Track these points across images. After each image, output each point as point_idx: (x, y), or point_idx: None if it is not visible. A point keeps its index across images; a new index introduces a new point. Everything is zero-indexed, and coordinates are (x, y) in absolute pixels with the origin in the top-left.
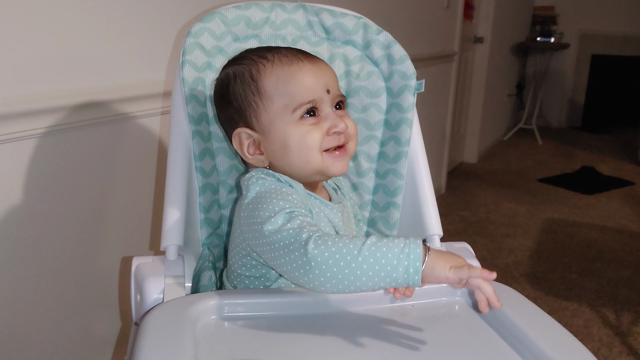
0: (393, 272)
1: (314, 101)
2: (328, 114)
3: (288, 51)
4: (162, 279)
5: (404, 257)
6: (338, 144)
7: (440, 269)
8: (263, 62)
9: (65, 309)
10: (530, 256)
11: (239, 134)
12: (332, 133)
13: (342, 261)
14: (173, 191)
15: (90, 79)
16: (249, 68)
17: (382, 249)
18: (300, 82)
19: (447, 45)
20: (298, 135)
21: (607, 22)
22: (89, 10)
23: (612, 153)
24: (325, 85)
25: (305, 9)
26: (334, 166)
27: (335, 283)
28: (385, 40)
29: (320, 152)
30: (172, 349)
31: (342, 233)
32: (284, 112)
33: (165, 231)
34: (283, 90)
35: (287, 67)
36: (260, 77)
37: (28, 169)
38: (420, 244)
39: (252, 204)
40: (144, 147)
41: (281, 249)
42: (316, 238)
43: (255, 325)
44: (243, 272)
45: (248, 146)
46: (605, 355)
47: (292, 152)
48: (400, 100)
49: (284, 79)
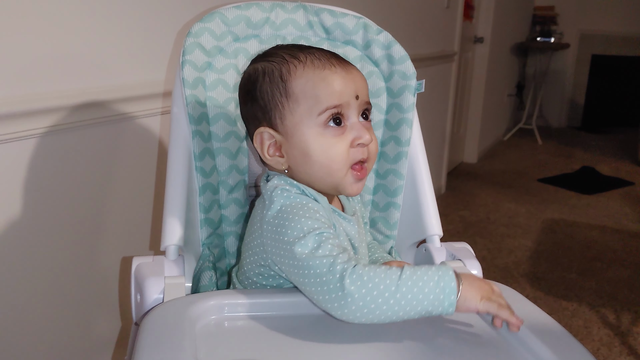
0: (429, 306)
1: (341, 106)
2: (353, 124)
3: (321, 54)
4: (162, 279)
5: (440, 291)
6: (362, 157)
7: (471, 300)
8: (295, 62)
9: (66, 309)
10: (530, 256)
11: (262, 134)
12: (356, 145)
13: (380, 298)
14: (173, 191)
15: (90, 79)
16: (280, 67)
17: (419, 284)
18: (329, 85)
19: (447, 45)
20: (322, 147)
21: (607, 22)
22: (89, 11)
23: (612, 153)
24: (355, 90)
25: (305, 9)
26: (352, 187)
27: (372, 317)
28: (385, 41)
29: (347, 167)
30: (172, 349)
31: (357, 244)
32: (308, 116)
33: (166, 231)
34: (311, 93)
35: (319, 70)
36: (290, 78)
37: (28, 169)
38: (453, 276)
39: (277, 218)
40: (144, 147)
41: (313, 277)
42: (352, 272)
43: (255, 325)
44: (259, 280)
45: (269, 147)
46: (605, 355)
47: (314, 162)
48: (401, 101)
49: (313, 82)
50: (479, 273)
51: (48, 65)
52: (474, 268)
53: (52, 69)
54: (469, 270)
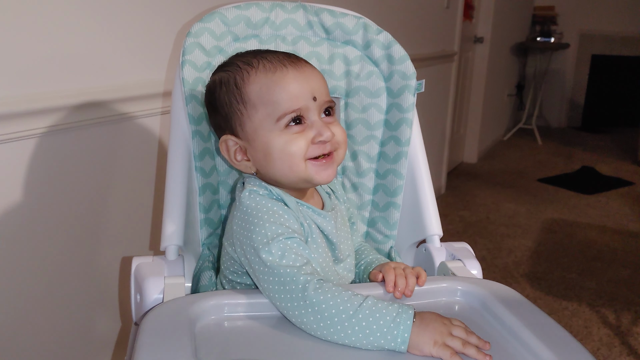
0: (382, 338)
1: (299, 110)
2: (314, 122)
3: (273, 56)
4: (162, 279)
5: (394, 326)
6: (323, 152)
7: (424, 345)
8: (247, 69)
9: (65, 308)
10: (530, 256)
11: (226, 141)
12: (317, 142)
13: (337, 317)
14: (173, 191)
15: (90, 79)
16: (234, 75)
17: (376, 315)
18: (283, 90)
19: (447, 45)
20: (281, 143)
21: (607, 22)
22: (89, 11)
23: (612, 153)
24: (311, 92)
25: (305, 9)
26: (319, 175)
27: (326, 333)
28: (385, 41)
29: (304, 161)
30: (172, 349)
31: (335, 240)
32: (267, 121)
33: (165, 231)
34: (267, 99)
35: (271, 74)
36: (244, 84)
37: (28, 169)
38: (412, 315)
39: (244, 220)
40: (144, 147)
41: (277, 284)
42: (316, 283)
43: (255, 325)
44: (234, 278)
45: (235, 153)
46: (604, 355)
47: (275, 160)
48: (401, 100)
49: (267, 87)
50: (478, 273)
51: (48, 65)
52: (474, 268)
53: (52, 69)
54: (469, 272)
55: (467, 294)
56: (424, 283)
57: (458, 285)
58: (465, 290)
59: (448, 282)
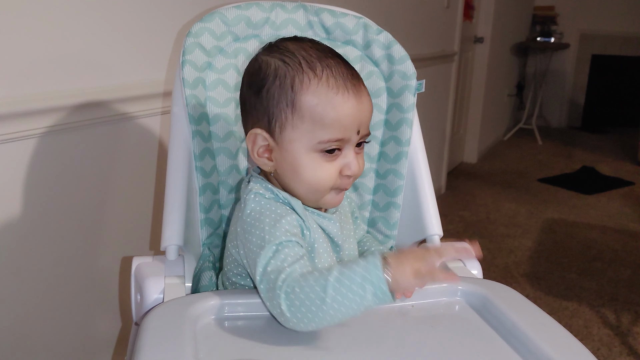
0: (363, 301)
1: (342, 140)
2: (347, 153)
3: (339, 72)
4: (162, 279)
5: (368, 285)
6: (347, 187)
7: (404, 280)
8: (310, 75)
9: (66, 309)
10: (530, 256)
11: (256, 135)
12: (345, 174)
13: (313, 307)
14: (173, 191)
15: (90, 79)
16: (293, 74)
17: (346, 283)
18: (338, 116)
19: (447, 45)
20: (311, 168)
21: (607, 22)
22: (89, 10)
23: (612, 153)
24: (359, 125)
25: (305, 8)
26: (333, 200)
27: (315, 325)
28: (385, 41)
29: (331, 189)
30: (172, 349)
31: (341, 242)
32: (308, 137)
33: (166, 231)
34: (318, 117)
35: (333, 94)
36: (302, 91)
37: (28, 169)
38: (379, 264)
39: (247, 223)
40: (144, 147)
41: (263, 292)
42: (286, 294)
43: (255, 325)
44: (238, 280)
45: (259, 147)
46: (605, 355)
47: (302, 180)
48: (401, 101)
49: (324, 106)
50: (479, 273)
51: (48, 65)
52: (474, 268)
53: (52, 69)
54: (470, 272)
55: (468, 294)
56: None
57: (458, 285)
58: (465, 290)
59: (448, 282)
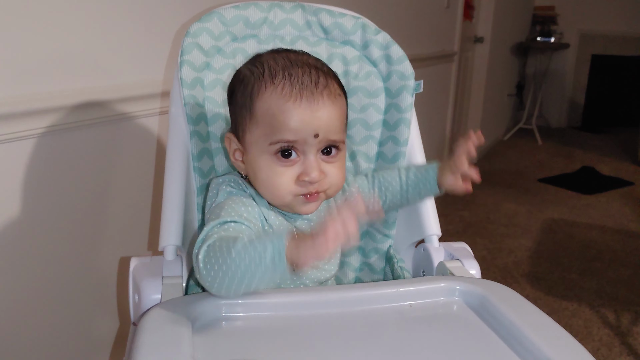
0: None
1: (295, 142)
2: (305, 160)
3: (299, 81)
4: (160, 279)
5: (269, 245)
6: (308, 192)
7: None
8: (268, 83)
9: (64, 308)
10: (530, 256)
11: (229, 139)
12: (302, 180)
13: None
14: (171, 191)
15: (89, 79)
16: (254, 82)
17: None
18: (285, 121)
19: (447, 45)
20: (268, 172)
21: (607, 22)
22: (88, 11)
23: (612, 153)
24: (315, 129)
25: (303, 8)
26: (303, 208)
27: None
28: (383, 41)
29: (292, 195)
30: (170, 349)
31: None
32: (262, 140)
33: (163, 231)
34: (268, 121)
35: (283, 101)
36: (257, 98)
37: (27, 168)
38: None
39: (211, 212)
40: (143, 147)
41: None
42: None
43: (253, 325)
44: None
45: (234, 151)
46: (604, 356)
47: (261, 184)
48: (399, 101)
49: (274, 112)
50: (477, 273)
51: (47, 65)
52: (473, 268)
53: (50, 69)
54: (468, 272)
55: (466, 294)
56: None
57: (456, 285)
58: (463, 290)
59: (446, 282)
